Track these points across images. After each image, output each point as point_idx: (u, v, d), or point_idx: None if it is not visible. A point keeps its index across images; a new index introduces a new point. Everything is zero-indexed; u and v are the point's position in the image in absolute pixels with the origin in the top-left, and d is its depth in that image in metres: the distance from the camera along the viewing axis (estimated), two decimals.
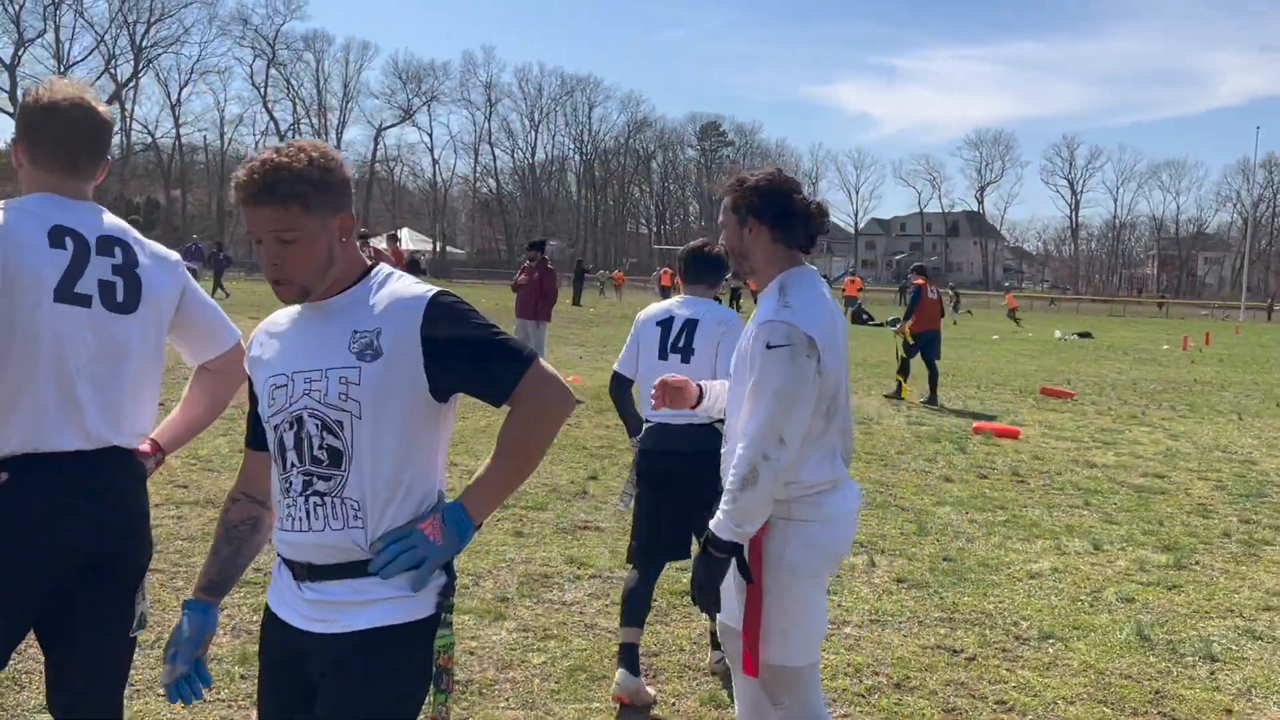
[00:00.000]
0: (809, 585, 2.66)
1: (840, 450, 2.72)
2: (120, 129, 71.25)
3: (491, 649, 4.33)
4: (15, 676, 3.79)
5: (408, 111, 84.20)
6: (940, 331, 13.97)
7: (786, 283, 2.68)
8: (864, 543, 6.25)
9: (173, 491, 6.65)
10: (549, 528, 6.27)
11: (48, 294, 2.25)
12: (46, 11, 66.38)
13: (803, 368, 2.54)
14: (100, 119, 2.41)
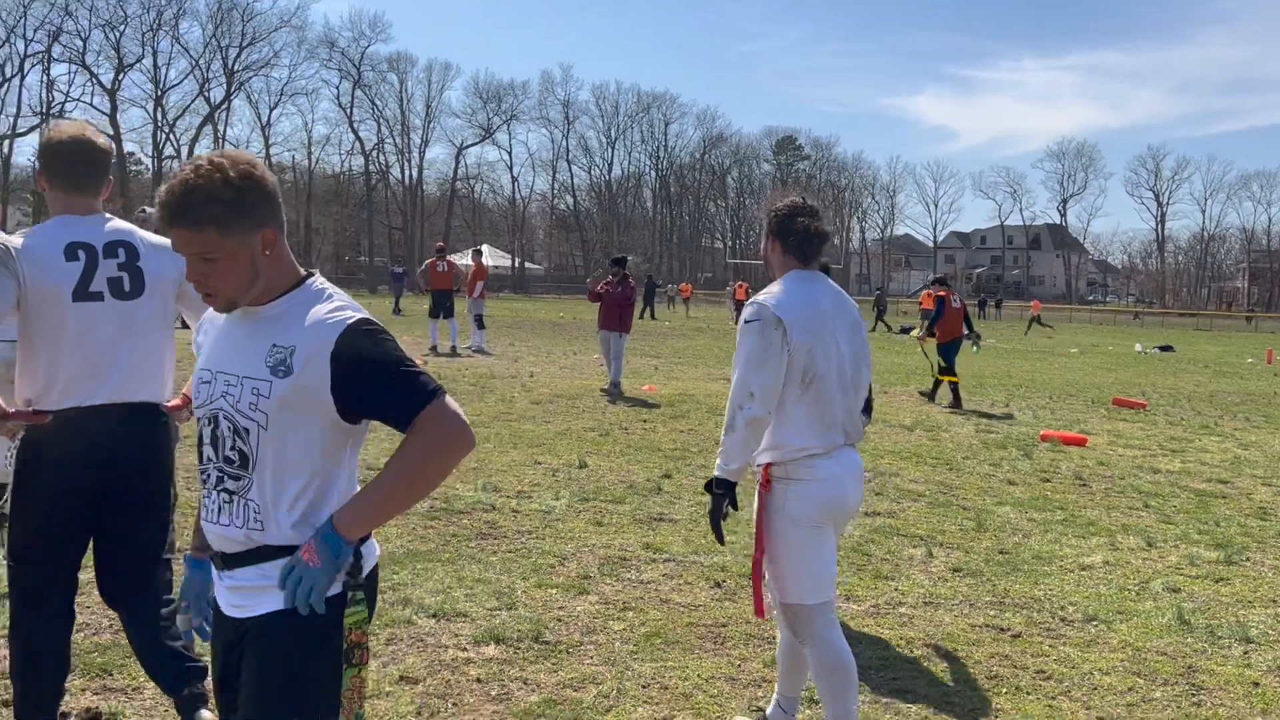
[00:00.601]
0: (808, 532, 3.26)
1: (839, 424, 3.31)
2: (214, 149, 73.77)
3: (576, 617, 4.83)
4: None
5: (488, 130, 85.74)
6: (962, 339, 14.66)
7: (783, 281, 3.38)
8: (923, 536, 6.62)
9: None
10: (626, 519, 6.75)
11: (67, 296, 3.06)
12: (145, 38, 69.18)
13: (769, 338, 3.20)
14: (97, 148, 3.20)
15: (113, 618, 4.46)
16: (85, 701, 3.71)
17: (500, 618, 4.76)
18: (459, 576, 5.33)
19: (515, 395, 12.87)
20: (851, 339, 3.41)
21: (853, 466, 3.37)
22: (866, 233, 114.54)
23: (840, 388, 3.34)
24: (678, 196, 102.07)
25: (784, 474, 3.27)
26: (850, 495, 3.36)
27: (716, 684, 4.15)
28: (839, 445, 3.32)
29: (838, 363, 3.33)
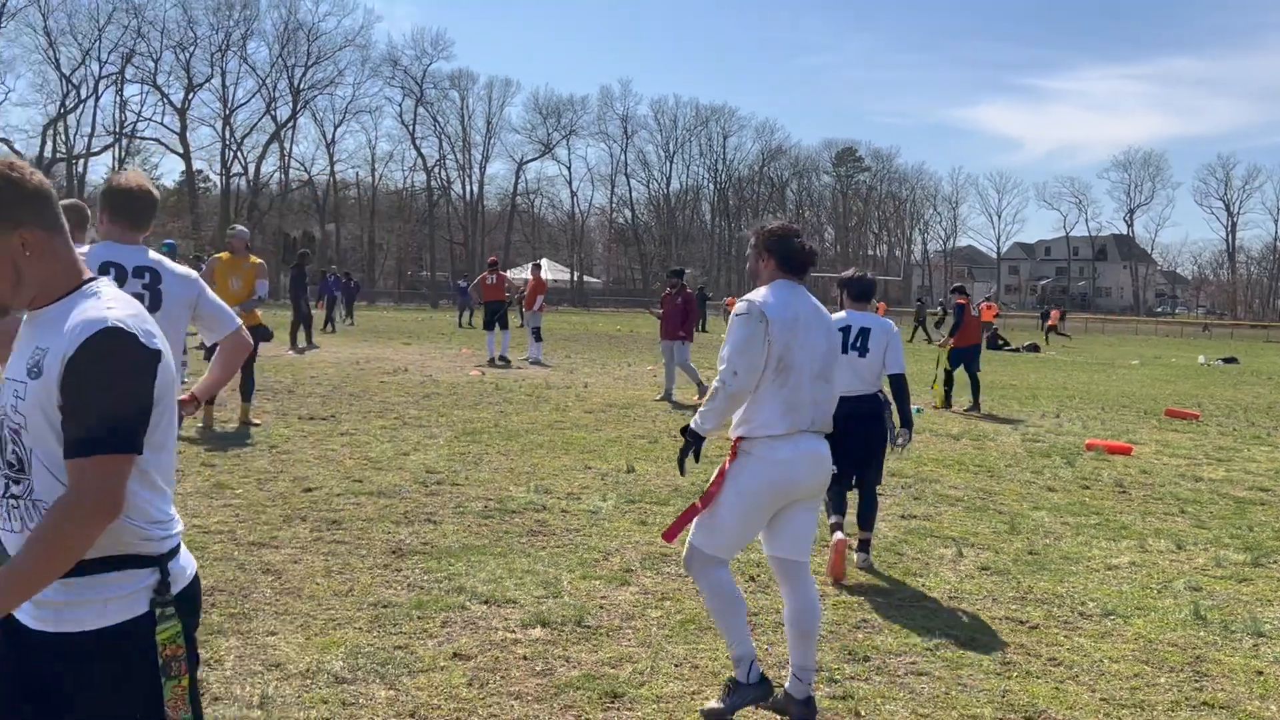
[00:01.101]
0: (748, 504, 3.86)
1: (805, 411, 3.86)
2: (279, 167, 75.71)
3: (617, 606, 5.21)
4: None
5: (547, 145, 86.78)
6: (981, 345, 15.40)
7: (770, 287, 3.97)
8: (955, 538, 6.90)
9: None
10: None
11: None
12: (214, 58, 71.23)
13: (753, 328, 3.80)
14: (153, 197, 4.01)
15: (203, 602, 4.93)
16: None
17: (546, 604, 5.15)
18: (509, 568, 5.73)
19: (569, 405, 13.29)
20: (826, 341, 3.96)
21: (809, 451, 3.89)
22: (929, 244, 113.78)
23: (811, 379, 3.89)
24: (736, 209, 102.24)
25: (748, 449, 3.88)
26: (801, 477, 3.88)
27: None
28: (800, 430, 3.86)
29: (810, 358, 3.88)
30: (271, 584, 5.31)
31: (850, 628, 5.06)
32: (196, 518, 6.52)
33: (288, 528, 6.41)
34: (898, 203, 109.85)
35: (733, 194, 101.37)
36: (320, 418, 11.12)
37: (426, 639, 4.63)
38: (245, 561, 5.65)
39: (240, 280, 10.25)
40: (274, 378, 14.66)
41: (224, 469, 8.10)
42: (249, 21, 72.04)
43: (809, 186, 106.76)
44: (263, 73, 73.18)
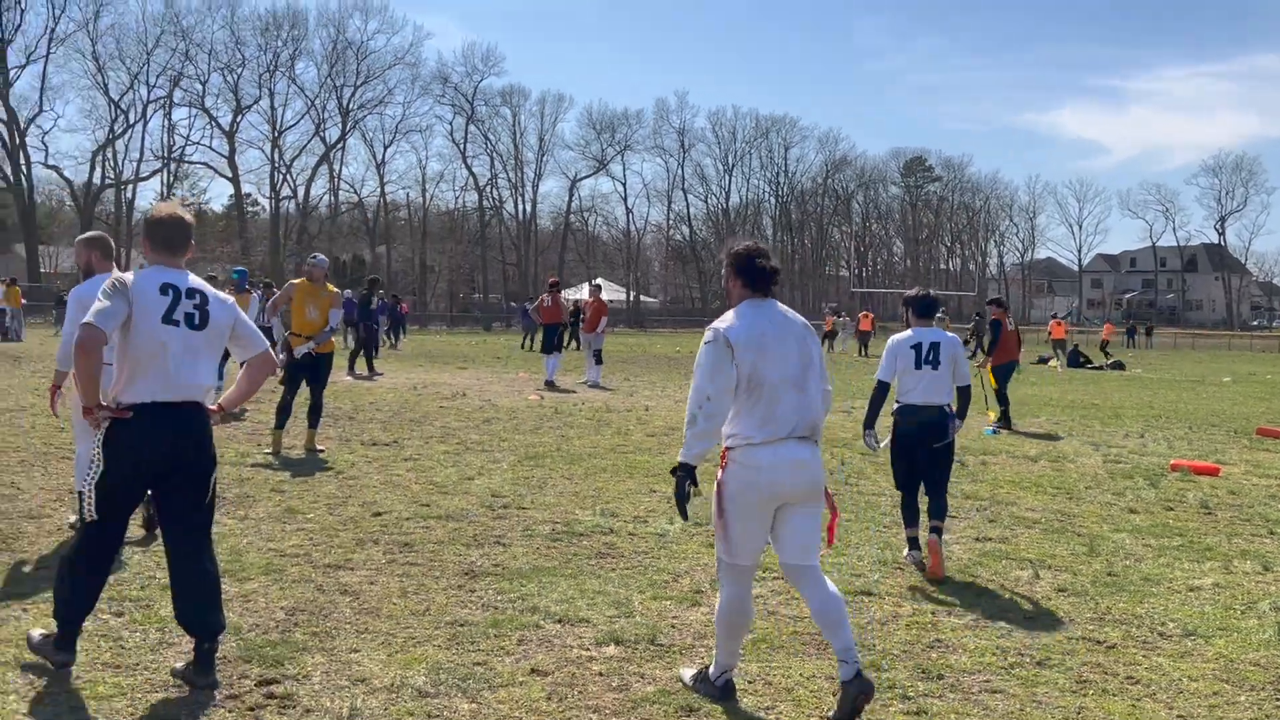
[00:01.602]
0: (740, 508, 4.33)
1: (784, 420, 4.28)
2: (329, 189, 77.37)
3: (689, 625, 5.49)
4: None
5: (602, 161, 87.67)
6: (1017, 363, 15.50)
7: (737, 310, 4.43)
8: (1032, 559, 7.08)
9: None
10: None
11: (157, 319, 4.42)
12: (262, 79, 73.20)
13: (719, 354, 4.25)
14: (186, 223, 4.66)
15: (281, 621, 5.31)
16: (260, 680, 4.52)
17: (619, 624, 5.45)
18: (581, 589, 6.04)
19: (631, 428, 13.61)
20: (799, 348, 4.40)
21: (789, 458, 4.30)
22: (1005, 257, 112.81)
23: (788, 388, 4.32)
24: (799, 223, 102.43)
25: (732, 457, 4.34)
26: (784, 482, 4.31)
27: (817, 681, 4.74)
28: (779, 438, 4.29)
29: (782, 371, 4.32)
30: (350, 604, 5.66)
31: (924, 647, 5.28)
32: (271, 541, 6.92)
33: (361, 550, 6.78)
34: (971, 214, 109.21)
35: (795, 207, 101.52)
36: (383, 443, 11.56)
37: (504, 655, 4.95)
38: (323, 583, 6.02)
39: (317, 309, 10.75)
40: (334, 404, 15.18)
41: (294, 494, 8.52)
42: (297, 41, 74.02)
43: (876, 198, 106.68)
44: (311, 93, 75.07)
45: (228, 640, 4.96)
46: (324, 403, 11.30)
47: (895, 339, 7.13)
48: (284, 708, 4.27)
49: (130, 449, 4.36)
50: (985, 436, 14.01)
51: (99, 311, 4.30)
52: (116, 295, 4.36)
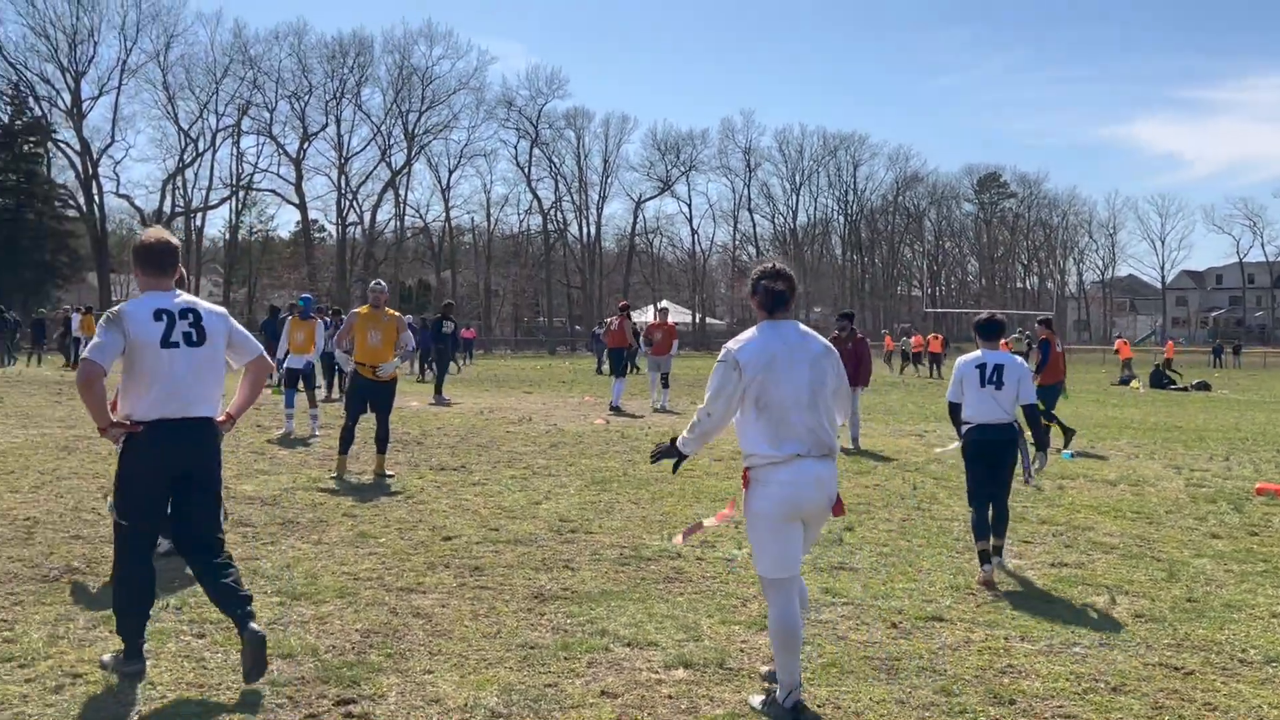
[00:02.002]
0: (769, 524, 4.61)
1: (797, 439, 4.59)
2: (394, 214, 78.73)
3: (758, 649, 5.58)
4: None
5: (666, 183, 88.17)
6: (1063, 384, 15.34)
7: (753, 329, 4.76)
8: (1109, 585, 7.06)
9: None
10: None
11: (155, 344, 4.81)
12: (328, 107, 74.85)
13: (727, 373, 4.62)
14: (172, 246, 5.01)
15: (357, 643, 5.52)
16: (338, 700, 4.70)
17: (688, 648, 5.57)
18: (649, 613, 6.17)
19: (699, 453, 13.69)
20: (810, 371, 4.65)
21: (809, 475, 4.60)
22: (1084, 274, 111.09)
23: (798, 409, 4.61)
24: (869, 243, 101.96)
25: (753, 477, 4.67)
26: (805, 498, 4.61)
27: (886, 705, 4.82)
28: (795, 456, 4.58)
29: (794, 392, 4.60)
30: (423, 627, 5.85)
31: (996, 673, 5.32)
32: (345, 565, 7.15)
33: (432, 574, 6.98)
34: (1048, 230, 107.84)
35: (865, 226, 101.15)
36: (451, 468, 11.80)
37: (574, 678, 5.09)
38: (396, 606, 6.22)
39: (380, 333, 10.98)
40: (402, 429, 15.50)
41: (365, 519, 8.77)
42: (363, 68, 75.59)
43: (949, 216, 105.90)
44: (377, 120, 76.54)
45: (305, 661, 5.18)
46: (391, 428, 11.56)
47: (962, 360, 7.65)
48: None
49: (144, 459, 4.86)
50: (1063, 461, 13.89)
51: (95, 347, 4.75)
52: (111, 329, 4.80)
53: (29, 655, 5.16)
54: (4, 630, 5.56)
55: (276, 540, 7.90)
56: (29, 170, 62.29)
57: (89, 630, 5.60)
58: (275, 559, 7.30)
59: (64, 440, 13.21)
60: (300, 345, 14.93)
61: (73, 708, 4.53)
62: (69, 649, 5.29)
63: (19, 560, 7.04)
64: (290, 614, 6.01)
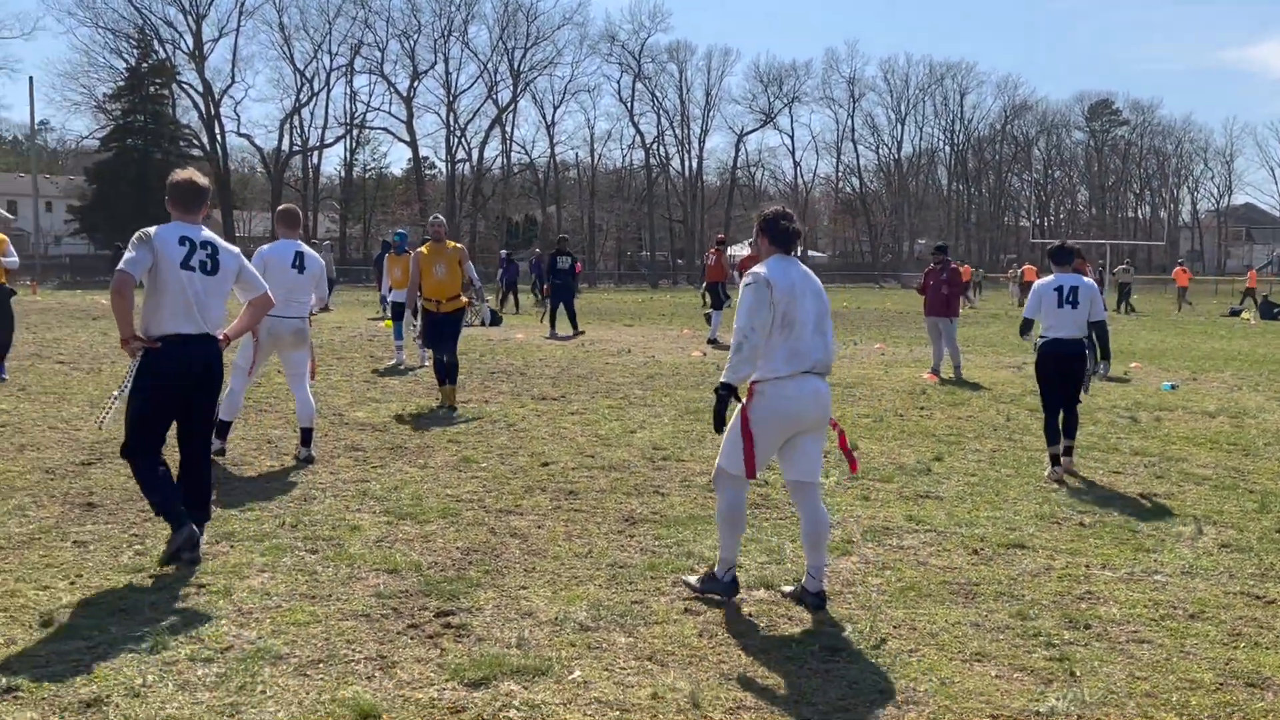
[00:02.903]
0: (759, 430, 5.00)
1: (807, 357, 5.00)
2: (501, 151, 79.24)
3: (838, 573, 5.68)
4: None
5: (769, 115, 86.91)
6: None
7: (768, 261, 5.12)
8: (1196, 515, 6.97)
9: None
10: (892, 495, 7.50)
11: (176, 264, 5.46)
12: (436, 44, 75.33)
13: (760, 294, 4.94)
14: (200, 186, 5.64)
15: (457, 560, 5.77)
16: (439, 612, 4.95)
17: (770, 570, 5.69)
18: None
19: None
20: (817, 300, 5.11)
21: (811, 390, 5.03)
22: (1199, 204, 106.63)
23: (810, 332, 5.03)
24: (976, 173, 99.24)
25: (760, 389, 5.03)
26: (805, 410, 5.03)
27: (962, 628, 4.88)
28: (801, 371, 5.00)
29: (806, 315, 5.03)
30: (519, 546, 6.08)
31: (1074, 599, 5.33)
32: (449, 488, 7.43)
33: (529, 497, 7.22)
34: (1162, 159, 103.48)
35: (972, 156, 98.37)
36: (551, 398, 12.06)
37: (659, 596, 5.26)
38: (495, 526, 6.47)
39: (445, 265, 10.97)
40: (506, 360, 15.84)
41: (468, 445, 9.06)
42: (470, 6, 75.80)
43: (1059, 144, 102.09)
44: (484, 57, 76.88)
45: (408, 576, 5.45)
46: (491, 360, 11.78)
47: (1040, 282, 8.52)
48: (459, 636, 4.69)
49: (159, 372, 5.46)
50: (1163, 392, 13.57)
51: (129, 260, 5.32)
52: (142, 246, 5.40)
53: (158, 567, 5.53)
54: (135, 544, 5.95)
55: (385, 464, 8.22)
56: (155, 111, 64.06)
57: (212, 545, 5.95)
58: (384, 481, 7.62)
59: None
60: (399, 280, 15.26)
61: (195, 613, 4.86)
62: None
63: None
64: (396, 532, 6.30)
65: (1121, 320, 31.62)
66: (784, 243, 5.18)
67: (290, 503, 6.95)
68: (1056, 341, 8.32)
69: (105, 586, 5.21)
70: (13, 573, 5.38)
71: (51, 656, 4.34)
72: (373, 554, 5.82)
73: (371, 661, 4.39)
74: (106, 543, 5.96)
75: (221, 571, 5.48)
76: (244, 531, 6.22)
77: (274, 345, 8.26)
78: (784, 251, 5.18)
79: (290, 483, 7.56)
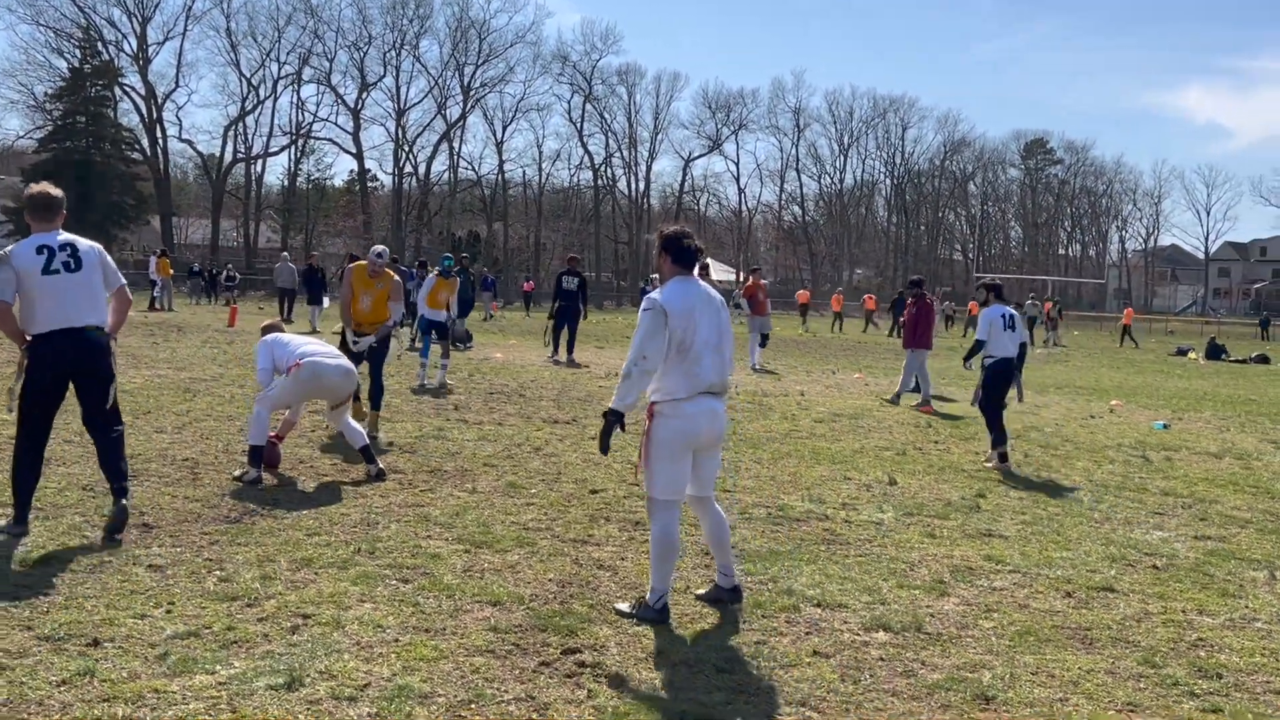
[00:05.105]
0: (668, 451, 5.16)
1: (704, 379, 5.15)
2: (449, 166, 78.67)
3: (946, 615, 5.60)
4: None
5: (716, 141, 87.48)
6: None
7: (669, 284, 5.23)
8: (1260, 560, 7.03)
9: None
10: (956, 532, 7.46)
11: (38, 273, 5.95)
12: (386, 57, 74.58)
13: (656, 320, 5.05)
14: (54, 197, 6.17)
15: (556, 593, 5.59)
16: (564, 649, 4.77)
17: (878, 610, 5.59)
18: (825, 574, 6.20)
19: (795, 413, 13.72)
20: (716, 321, 5.24)
21: (707, 408, 5.20)
22: (1127, 243, 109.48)
23: (708, 352, 5.16)
24: (914, 205, 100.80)
25: (659, 410, 5.18)
26: (703, 429, 5.19)
27: (1098, 676, 4.83)
28: (698, 392, 5.14)
29: (705, 337, 5.15)
30: (610, 579, 5.92)
31: (1188, 646, 5.31)
32: (510, 515, 7.23)
33: (598, 527, 7.05)
34: (1093, 198, 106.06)
35: (910, 190, 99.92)
36: (562, 421, 11.87)
37: (779, 636, 5.13)
38: (577, 557, 6.29)
39: (371, 299, 10.38)
40: (498, 380, 15.59)
41: (506, 470, 8.84)
42: (423, 20, 75.10)
43: (994, 180, 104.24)
44: (435, 71, 76.21)
45: (514, 609, 5.26)
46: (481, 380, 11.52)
47: (988, 311, 10.66)
48: (597, 676, 4.52)
49: (40, 363, 5.97)
50: (1156, 431, 13.79)
51: None
52: (4, 268, 5.93)
53: (251, 595, 5.26)
54: (217, 570, 5.67)
55: (434, 488, 7.98)
56: (96, 113, 62.53)
57: (295, 571, 5.70)
58: (441, 506, 7.38)
59: (181, 382, 13.37)
60: (440, 302, 15.03)
61: (316, 647, 4.62)
62: (285, 590, 5.39)
63: (196, 501, 7.16)
64: (480, 561, 6.09)
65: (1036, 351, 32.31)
66: (686, 261, 5.27)
67: (355, 528, 6.70)
68: (1005, 360, 10.55)
69: (203, 616, 4.94)
70: (100, 599, 5.09)
71: (187, 694, 4.08)
72: (468, 585, 5.61)
73: (523, 703, 4.21)
74: (183, 567, 5.67)
75: (320, 601, 5.23)
76: (321, 558, 5.97)
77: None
78: (686, 270, 5.27)
79: (344, 505, 7.29)
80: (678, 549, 5.35)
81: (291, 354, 8.06)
